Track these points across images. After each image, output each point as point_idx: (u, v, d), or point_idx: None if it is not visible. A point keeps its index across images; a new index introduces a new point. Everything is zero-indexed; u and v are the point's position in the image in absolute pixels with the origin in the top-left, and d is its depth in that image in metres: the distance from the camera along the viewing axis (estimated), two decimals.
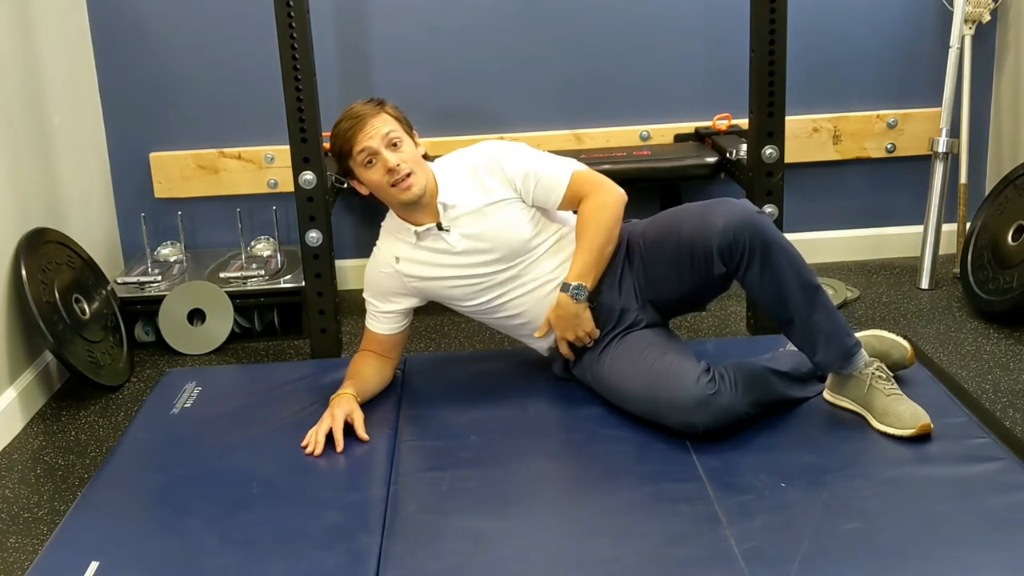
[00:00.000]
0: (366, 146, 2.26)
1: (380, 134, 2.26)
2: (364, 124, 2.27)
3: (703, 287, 2.31)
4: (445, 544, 1.88)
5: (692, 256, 2.22)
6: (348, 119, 2.29)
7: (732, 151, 3.28)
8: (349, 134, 2.27)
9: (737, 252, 2.15)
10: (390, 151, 2.27)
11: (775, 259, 2.14)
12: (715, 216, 2.18)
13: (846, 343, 2.20)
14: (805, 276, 2.17)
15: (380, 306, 2.45)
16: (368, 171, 2.29)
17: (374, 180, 2.29)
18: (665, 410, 2.17)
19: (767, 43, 2.86)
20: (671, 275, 2.30)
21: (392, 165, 2.25)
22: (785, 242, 2.18)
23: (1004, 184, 3.34)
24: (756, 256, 2.14)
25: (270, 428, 2.35)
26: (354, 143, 2.27)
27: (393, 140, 2.27)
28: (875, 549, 1.78)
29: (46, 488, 2.46)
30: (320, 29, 3.25)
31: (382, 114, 2.30)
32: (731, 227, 2.14)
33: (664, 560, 1.80)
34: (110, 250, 3.61)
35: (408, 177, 2.27)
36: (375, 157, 2.27)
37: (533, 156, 2.38)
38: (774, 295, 2.18)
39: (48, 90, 3.18)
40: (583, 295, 2.29)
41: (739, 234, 2.14)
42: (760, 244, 2.14)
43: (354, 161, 2.29)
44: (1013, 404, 2.58)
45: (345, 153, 2.30)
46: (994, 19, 3.55)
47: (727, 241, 2.14)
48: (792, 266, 2.16)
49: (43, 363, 2.98)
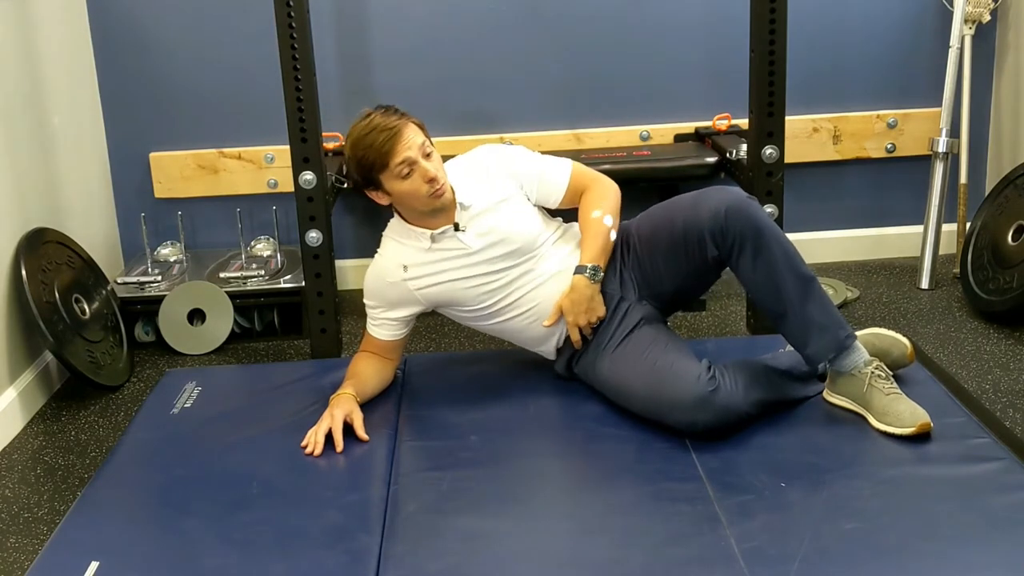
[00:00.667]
0: (406, 156, 2.25)
1: (416, 144, 2.27)
2: (401, 136, 2.25)
3: (698, 275, 2.35)
4: (445, 544, 1.88)
5: (686, 242, 2.27)
6: (380, 131, 2.25)
7: (732, 151, 3.28)
8: (387, 147, 2.24)
9: (729, 236, 2.20)
10: (426, 161, 2.28)
11: (767, 245, 2.18)
12: (708, 201, 2.24)
13: (839, 335, 2.21)
14: (798, 266, 2.21)
15: (382, 313, 2.45)
16: (404, 181, 2.27)
17: (410, 190, 2.28)
18: (666, 408, 2.17)
19: (767, 43, 2.86)
20: (667, 264, 2.34)
21: (432, 175, 2.26)
22: (778, 230, 2.22)
23: (1004, 184, 3.34)
24: (748, 240, 2.19)
25: (270, 428, 2.35)
26: (393, 155, 2.24)
27: (427, 150, 2.29)
28: (875, 549, 1.78)
29: (46, 488, 2.46)
30: (320, 29, 3.25)
31: (411, 124, 2.29)
32: (723, 211, 2.20)
33: (664, 560, 1.80)
34: (110, 250, 3.61)
35: (444, 185, 2.30)
36: (414, 167, 2.27)
37: (535, 158, 2.47)
38: (767, 283, 2.20)
39: (48, 90, 3.18)
40: (599, 275, 2.34)
41: (731, 217, 2.19)
42: (752, 229, 2.19)
43: (389, 173, 2.27)
44: (1013, 404, 2.58)
45: (380, 166, 2.26)
46: (994, 19, 3.55)
47: (719, 224, 2.20)
48: (785, 254, 2.20)
49: (43, 363, 2.98)
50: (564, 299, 2.35)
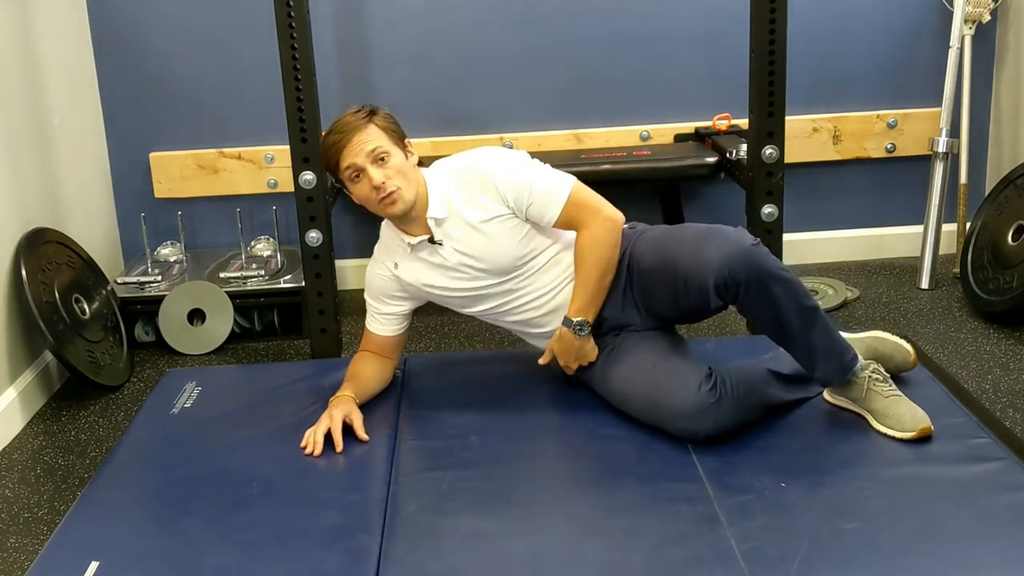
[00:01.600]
0: (351, 163, 2.23)
1: (365, 151, 2.22)
2: (349, 140, 2.23)
3: (701, 312, 2.26)
4: (445, 544, 1.88)
5: (688, 289, 2.17)
6: (335, 132, 2.25)
7: (732, 151, 3.28)
8: (334, 150, 2.24)
9: (732, 288, 2.11)
10: (376, 167, 2.23)
11: (771, 291, 2.11)
12: (710, 251, 2.12)
13: (843, 359, 2.20)
14: (802, 302, 2.14)
15: (380, 308, 2.45)
16: (355, 185, 2.27)
17: (362, 195, 2.27)
18: (666, 417, 2.17)
19: (767, 43, 2.86)
20: (668, 302, 2.27)
21: (377, 183, 2.22)
22: (781, 271, 2.13)
23: (1004, 184, 3.34)
24: (752, 289, 2.11)
25: (270, 428, 2.35)
26: (340, 158, 2.24)
27: (380, 155, 2.23)
28: (875, 549, 1.78)
29: (46, 488, 2.46)
30: (320, 29, 3.25)
31: (370, 127, 2.24)
32: (727, 264, 2.09)
33: (664, 560, 1.80)
34: (110, 250, 3.61)
35: (392, 193, 2.23)
36: (361, 173, 2.24)
37: (530, 171, 2.29)
38: (772, 322, 2.16)
39: (48, 90, 3.18)
40: (586, 331, 2.28)
41: (735, 270, 2.09)
42: (756, 279, 2.10)
43: (342, 175, 2.28)
44: (1013, 404, 2.58)
45: (333, 167, 2.28)
46: (994, 19, 3.55)
47: (723, 278, 2.10)
48: (789, 295, 2.12)
49: (43, 363, 2.98)
50: (554, 343, 2.34)
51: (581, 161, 3.39)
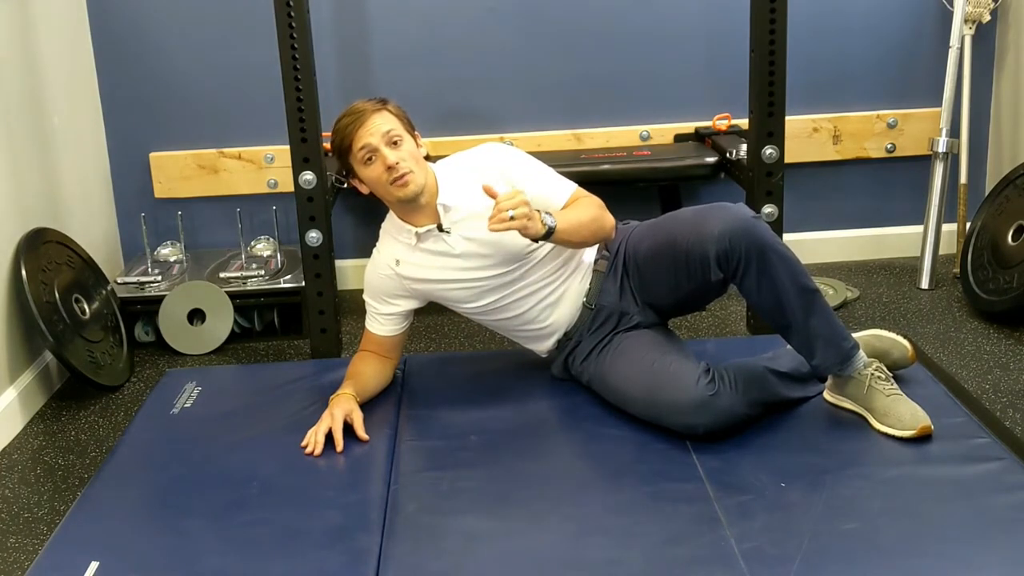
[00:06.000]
0: (366, 143, 2.26)
1: (380, 131, 2.26)
2: (365, 120, 2.26)
3: (700, 292, 2.30)
4: (445, 544, 1.88)
5: (688, 264, 2.21)
6: (349, 115, 2.29)
7: (732, 151, 3.28)
8: (349, 130, 2.27)
9: (734, 259, 2.14)
10: (390, 148, 2.26)
11: (772, 264, 2.13)
12: (711, 223, 2.16)
13: (843, 346, 2.20)
14: (802, 280, 2.16)
15: (380, 308, 2.45)
16: (367, 168, 2.29)
17: (373, 177, 2.29)
18: (665, 412, 2.17)
19: (767, 43, 2.86)
20: (668, 282, 2.30)
21: (391, 162, 2.25)
22: (781, 246, 2.16)
23: (1004, 184, 3.34)
24: (753, 262, 2.13)
25: (270, 428, 2.35)
26: (354, 139, 2.27)
27: (393, 138, 2.27)
28: (875, 549, 1.78)
29: (46, 488, 2.46)
30: (320, 29, 3.25)
31: (384, 112, 2.29)
32: (727, 234, 2.13)
33: (664, 560, 1.79)
34: (110, 250, 3.61)
35: (405, 175, 2.26)
36: (374, 154, 2.27)
37: (538, 168, 2.37)
38: (771, 300, 2.17)
39: (48, 90, 3.18)
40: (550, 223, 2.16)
41: (735, 241, 2.12)
42: (756, 250, 2.12)
43: (354, 158, 2.29)
44: (1013, 404, 2.58)
45: (345, 149, 2.29)
46: (994, 19, 3.55)
47: (723, 248, 2.13)
48: (788, 271, 2.15)
49: (43, 363, 2.98)
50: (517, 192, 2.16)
51: (581, 161, 3.39)
